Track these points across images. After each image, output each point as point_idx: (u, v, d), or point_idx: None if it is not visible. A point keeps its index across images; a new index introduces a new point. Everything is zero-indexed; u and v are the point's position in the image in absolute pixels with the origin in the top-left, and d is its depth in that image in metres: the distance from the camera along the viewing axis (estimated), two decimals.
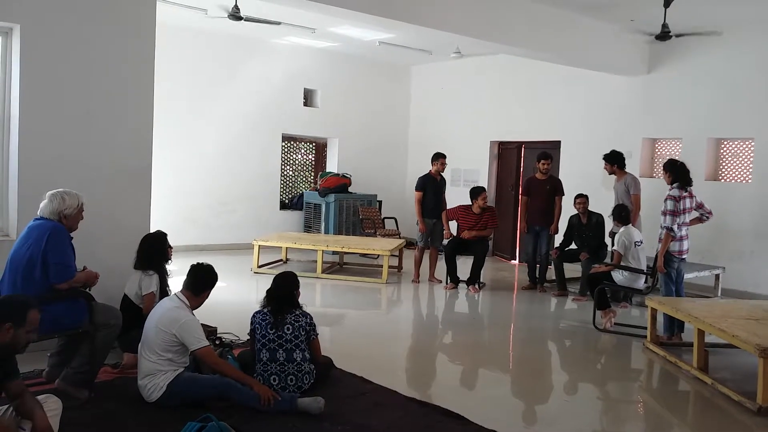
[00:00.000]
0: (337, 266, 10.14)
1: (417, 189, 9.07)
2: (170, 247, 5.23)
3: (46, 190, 4.38)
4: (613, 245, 7.82)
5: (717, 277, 8.52)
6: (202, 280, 4.40)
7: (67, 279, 4.21)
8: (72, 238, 4.34)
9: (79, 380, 4.24)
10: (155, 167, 5.88)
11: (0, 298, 3.31)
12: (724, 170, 9.40)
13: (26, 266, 4.14)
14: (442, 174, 9.15)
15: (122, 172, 5.57)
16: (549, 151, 9.30)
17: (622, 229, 7.43)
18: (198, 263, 4.50)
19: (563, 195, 8.97)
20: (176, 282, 5.08)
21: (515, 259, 11.72)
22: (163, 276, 5.11)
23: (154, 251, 5.08)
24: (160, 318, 4.22)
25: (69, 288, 4.23)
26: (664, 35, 7.93)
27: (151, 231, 5.43)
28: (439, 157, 9.06)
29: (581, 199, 8.61)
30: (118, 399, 4.29)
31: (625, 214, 7.57)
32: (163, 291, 5.03)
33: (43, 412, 3.18)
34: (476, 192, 8.87)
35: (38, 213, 4.32)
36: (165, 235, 5.22)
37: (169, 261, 5.22)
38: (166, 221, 7.57)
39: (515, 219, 11.51)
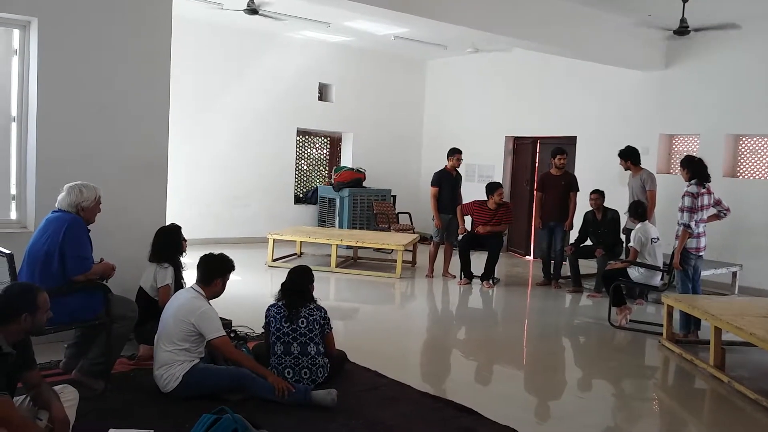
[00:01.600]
0: (351, 261, 10.15)
1: (433, 184, 9.05)
2: (185, 240, 5.26)
3: (64, 183, 4.42)
4: (628, 242, 7.77)
5: (734, 274, 8.44)
6: (207, 269, 4.43)
7: (84, 271, 4.24)
8: (89, 230, 4.37)
9: (96, 371, 4.28)
10: (171, 161, 5.91)
11: (3, 294, 3.29)
12: (742, 167, 9.30)
13: (44, 258, 4.18)
14: (457, 169, 9.13)
15: (138, 165, 5.60)
16: (564, 147, 9.25)
17: (638, 225, 7.36)
18: (205, 254, 4.54)
19: (578, 191, 8.91)
20: (191, 274, 5.11)
21: (530, 255, 11.67)
22: (177, 269, 5.13)
23: (168, 244, 5.11)
24: (179, 308, 4.26)
25: (86, 280, 4.27)
26: (682, 30, 7.84)
27: (167, 224, 5.47)
28: (455, 153, 9.03)
29: (595, 195, 8.54)
30: (134, 390, 4.32)
31: (641, 210, 7.52)
32: (178, 283, 5.06)
33: (60, 403, 3.21)
34: (493, 187, 8.83)
35: (56, 205, 4.36)
36: (179, 227, 5.25)
37: (184, 254, 5.25)
38: (181, 215, 7.59)
39: (530, 215, 11.46)
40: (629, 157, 8.44)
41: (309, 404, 4.12)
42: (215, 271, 4.44)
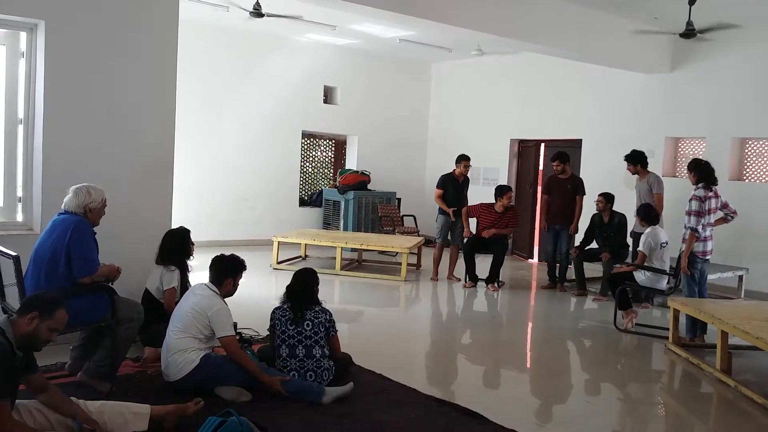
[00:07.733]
0: (356, 263, 10.15)
1: (437, 186, 9.03)
2: (192, 244, 5.28)
3: (70, 186, 4.44)
4: (635, 245, 7.73)
5: (740, 278, 8.40)
6: (218, 270, 4.52)
7: (90, 273, 4.25)
8: (95, 233, 4.38)
9: (101, 373, 4.28)
10: (177, 163, 5.92)
11: (34, 294, 3.46)
12: (748, 170, 9.27)
13: (50, 260, 4.19)
14: (466, 176, 9.08)
15: (145, 168, 5.61)
16: (563, 152, 9.06)
17: (648, 229, 7.27)
18: (216, 255, 4.63)
19: (584, 194, 8.87)
20: (197, 277, 5.12)
21: (533, 258, 11.65)
22: (184, 272, 5.15)
23: (176, 247, 5.13)
24: (197, 302, 4.34)
25: (92, 282, 4.28)
26: (688, 33, 7.81)
27: (173, 227, 5.47)
28: (462, 159, 8.95)
29: (600, 197, 8.49)
30: (138, 392, 4.31)
31: (654, 214, 7.41)
32: (184, 287, 5.07)
33: (78, 406, 3.24)
34: (502, 191, 8.79)
35: (62, 207, 4.37)
36: (188, 231, 5.27)
37: (191, 257, 5.26)
38: (187, 217, 7.62)
39: (533, 218, 11.44)
40: (638, 161, 8.38)
41: (322, 396, 4.17)
42: (225, 271, 4.51)
